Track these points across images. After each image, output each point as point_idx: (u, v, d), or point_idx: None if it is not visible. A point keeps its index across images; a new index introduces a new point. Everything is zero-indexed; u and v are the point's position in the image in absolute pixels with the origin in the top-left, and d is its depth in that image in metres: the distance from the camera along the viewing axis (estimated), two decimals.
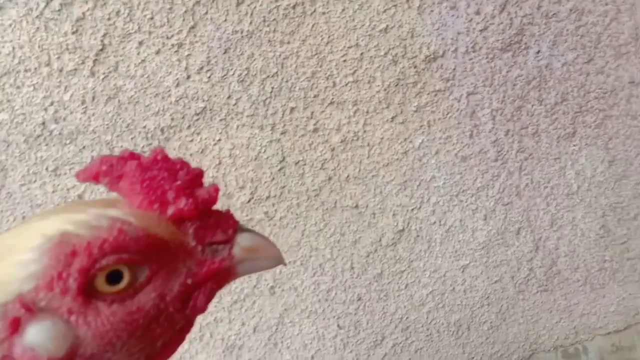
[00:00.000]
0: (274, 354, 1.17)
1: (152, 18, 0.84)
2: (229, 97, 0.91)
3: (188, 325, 0.31)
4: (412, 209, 1.05)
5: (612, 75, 0.97)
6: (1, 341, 0.25)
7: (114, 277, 0.27)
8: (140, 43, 0.85)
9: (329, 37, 0.88)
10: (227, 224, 0.32)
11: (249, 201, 0.97)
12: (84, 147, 0.90)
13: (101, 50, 0.85)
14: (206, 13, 0.85)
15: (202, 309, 0.31)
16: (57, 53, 0.84)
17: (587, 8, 0.91)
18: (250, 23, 0.86)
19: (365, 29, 0.88)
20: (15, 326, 0.25)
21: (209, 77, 0.89)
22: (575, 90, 0.93)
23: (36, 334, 0.25)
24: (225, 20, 0.85)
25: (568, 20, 0.90)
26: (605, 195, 1.05)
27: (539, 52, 0.90)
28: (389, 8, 0.87)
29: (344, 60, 0.90)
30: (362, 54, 0.89)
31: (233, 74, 0.89)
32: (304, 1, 0.86)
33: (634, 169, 1.06)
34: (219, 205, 0.32)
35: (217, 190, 0.31)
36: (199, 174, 0.32)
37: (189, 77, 0.88)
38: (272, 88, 0.91)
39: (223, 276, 0.32)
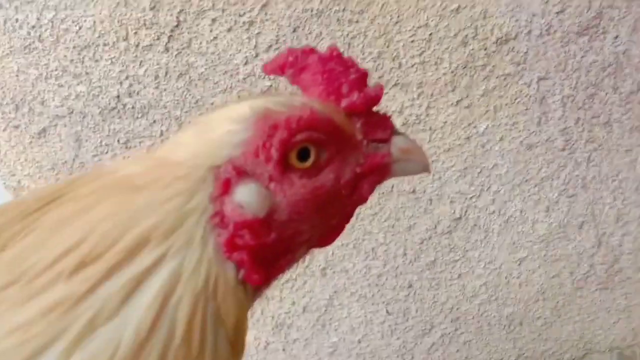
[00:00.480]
0: (322, 335, 1.20)
1: None
2: None
3: (352, 211, 0.36)
4: (471, 197, 1.05)
5: None
6: (214, 199, 0.29)
7: (303, 155, 0.31)
8: (214, 20, 0.88)
9: (398, 16, 0.89)
10: (387, 125, 0.35)
11: None
12: (154, 121, 0.95)
13: (176, 26, 0.88)
14: None
15: (366, 198, 0.36)
16: (135, 28, 0.89)
17: None
18: (321, 2, 0.88)
19: (436, 9, 0.88)
20: (227, 186, 0.29)
21: None
22: None
23: (244, 193, 0.29)
24: None
25: None
26: None
27: (617, 37, 0.88)
28: None
29: (412, 41, 0.91)
30: (431, 34, 0.90)
31: None
32: None
33: None
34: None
35: (382, 89, 0.35)
36: (366, 73, 0.35)
37: (257, 55, 0.91)
38: None
39: (383, 171, 0.35)
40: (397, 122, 0.98)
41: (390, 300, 1.20)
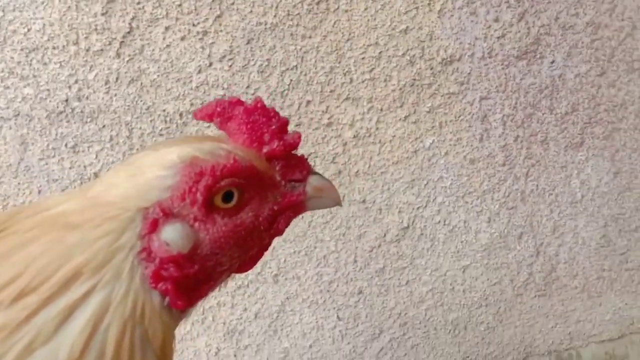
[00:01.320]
0: (273, 340, 1.25)
1: (180, 5, 0.91)
2: (247, 87, 0.97)
3: (269, 242, 0.42)
4: (418, 207, 1.12)
5: (623, 89, 1.04)
6: (142, 237, 0.34)
7: (226, 197, 0.37)
8: (167, 28, 0.92)
9: (349, 34, 0.94)
10: (303, 166, 0.42)
11: None
12: (103, 126, 0.97)
13: (128, 32, 0.91)
14: (233, 3, 0.91)
15: (282, 231, 0.42)
16: (86, 33, 0.91)
17: (604, 22, 0.97)
18: (275, 16, 0.92)
19: (385, 29, 0.94)
20: (154, 225, 0.34)
21: (230, 65, 0.95)
22: (586, 102, 1.00)
23: (170, 232, 0.34)
24: (251, 11, 0.92)
25: (584, 33, 0.96)
26: (608, 206, 1.12)
27: (553, 62, 0.96)
28: (410, 10, 0.94)
29: (363, 58, 0.96)
30: (380, 52, 0.96)
31: (254, 64, 0.95)
32: None
33: (639, 182, 1.13)
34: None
35: (299, 137, 0.41)
36: (286, 122, 0.41)
37: (211, 64, 0.95)
38: (291, 80, 0.97)
39: (298, 207, 0.42)
40: (349, 134, 1.04)
41: (341, 306, 1.26)
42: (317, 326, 1.27)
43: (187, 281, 0.35)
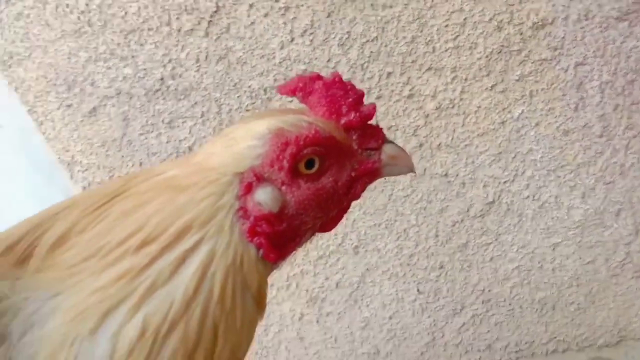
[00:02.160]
0: (354, 310, 1.31)
1: None
2: (328, 60, 1.01)
3: (348, 206, 0.47)
4: (505, 182, 1.11)
5: None
6: (239, 197, 0.40)
7: (309, 164, 0.42)
8: (251, 6, 0.97)
9: (432, 1, 0.94)
10: (378, 136, 0.46)
11: None
12: (195, 102, 1.06)
13: (215, 12, 0.98)
14: None
15: (359, 195, 0.46)
16: (177, 14, 0.99)
17: None
18: None
19: None
20: (249, 188, 0.40)
21: (311, 40, 0.99)
22: None
23: (262, 194, 0.41)
24: None
25: None
26: None
27: None
28: None
29: (446, 26, 0.96)
30: (465, 19, 0.95)
31: (334, 38, 0.98)
32: None
33: None
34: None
35: (374, 108, 0.46)
36: (362, 94, 0.46)
37: (292, 39, 0.99)
38: (371, 52, 1.00)
39: (373, 174, 0.47)
40: (430, 106, 1.05)
41: (421, 279, 1.29)
42: (397, 298, 1.31)
43: (277, 237, 0.41)
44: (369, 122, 0.45)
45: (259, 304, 0.40)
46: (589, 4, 0.90)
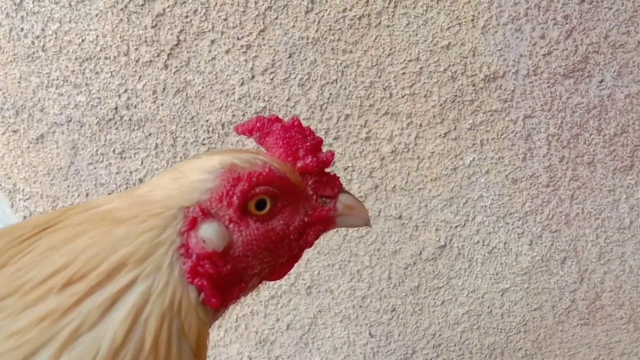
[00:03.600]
0: (304, 353, 1.26)
1: (226, 19, 0.95)
2: (288, 100, 1.00)
3: (299, 253, 0.44)
4: (456, 226, 1.11)
5: None
6: (182, 233, 0.37)
7: (260, 205, 0.40)
8: (213, 42, 0.96)
9: (390, 49, 0.96)
10: (335, 184, 0.45)
11: None
12: (150, 134, 1.02)
13: (176, 45, 0.96)
14: (276, 18, 0.95)
15: (311, 243, 0.44)
16: (136, 44, 0.96)
17: None
18: (317, 31, 0.95)
19: (427, 44, 0.95)
20: (193, 223, 0.37)
21: (272, 79, 0.98)
22: (636, 123, 0.97)
23: (207, 230, 0.38)
24: (294, 26, 0.95)
25: (635, 52, 0.94)
26: None
27: (602, 81, 0.95)
28: (453, 25, 0.95)
29: (403, 73, 0.98)
30: (421, 68, 0.97)
31: (295, 78, 0.98)
32: (370, 13, 0.94)
33: None
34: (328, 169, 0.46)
35: (332, 155, 0.44)
36: (321, 141, 0.45)
37: (253, 77, 0.98)
38: (330, 94, 1.00)
39: (327, 222, 0.45)
40: (386, 149, 1.05)
41: (373, 322, 1.26)
42: (348, 341, 1.27)
43: (220, 280, 0.38)
44: (326, 170, 0.44)
45: (198, 355, 0.36)
46: (538, 60, 0.94)
